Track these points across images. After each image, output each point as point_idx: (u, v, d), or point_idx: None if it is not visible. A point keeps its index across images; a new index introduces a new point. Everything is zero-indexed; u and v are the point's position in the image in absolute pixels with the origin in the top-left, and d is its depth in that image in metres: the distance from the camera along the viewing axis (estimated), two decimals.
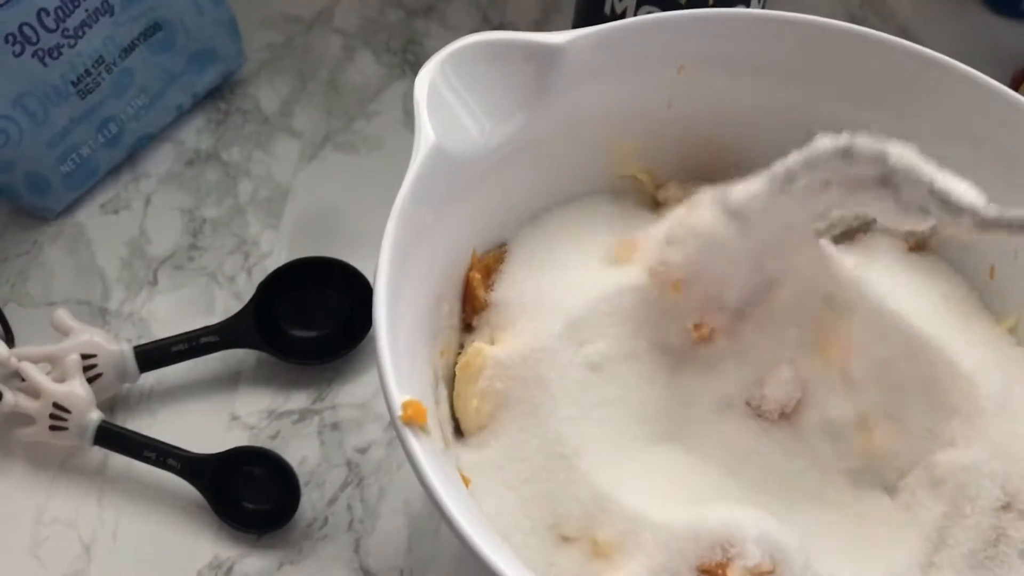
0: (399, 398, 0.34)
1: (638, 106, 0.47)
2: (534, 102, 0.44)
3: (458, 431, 0.43)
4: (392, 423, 0.34)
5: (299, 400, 0.55)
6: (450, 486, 0.33)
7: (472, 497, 0.39)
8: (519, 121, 0.44)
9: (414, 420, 0.34)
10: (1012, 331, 0.47)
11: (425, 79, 0.41)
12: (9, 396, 0.52)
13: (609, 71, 0.45)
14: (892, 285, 0.44)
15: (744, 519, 0.38)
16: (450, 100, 0.41)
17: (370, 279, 0.55)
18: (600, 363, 0.42)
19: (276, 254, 0.60)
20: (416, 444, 0.33)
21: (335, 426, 0.55)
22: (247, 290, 0.59)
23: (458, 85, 0.42)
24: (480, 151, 0.43)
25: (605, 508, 0.39)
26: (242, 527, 0.51)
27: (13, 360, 0.52)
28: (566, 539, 0.40)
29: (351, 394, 0.56)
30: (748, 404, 0.43)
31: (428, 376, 0.40)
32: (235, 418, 0.55)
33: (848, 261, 0.43)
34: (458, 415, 0.43)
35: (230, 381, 0.56)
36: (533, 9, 0.73)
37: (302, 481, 0.52)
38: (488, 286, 0.45)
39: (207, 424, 0.55)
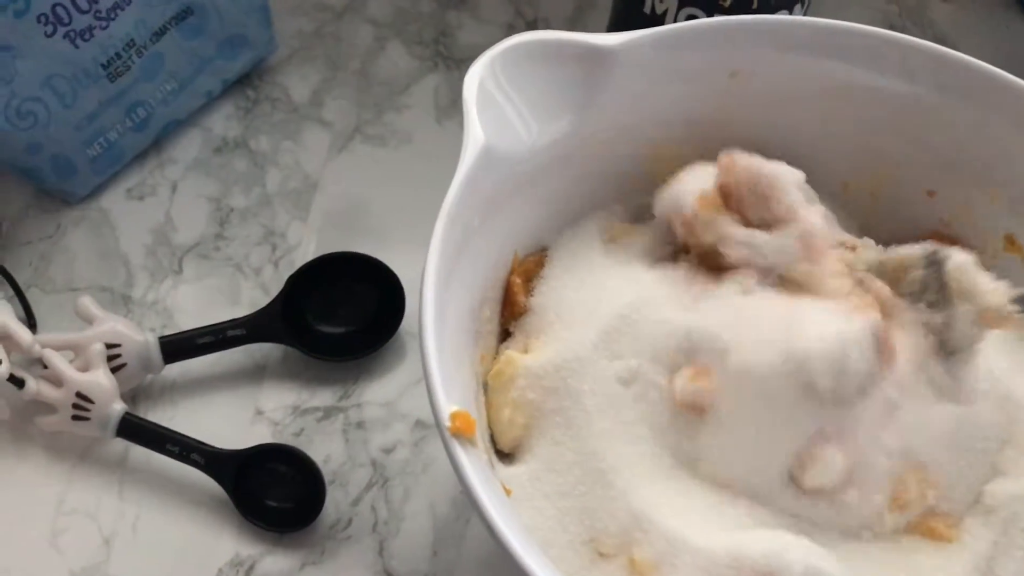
0: (447, 408, 0.33)
1: (687, 112, 0.46)
2: (583, 104, 0.43)
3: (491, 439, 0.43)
4: (440, 435, 0.33)
5: (324, 397, 0.55)
6: (499, 503, 0.32)
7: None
8: (567, 123, 0.43)
9: (462, 432, 0.33)
10: None
11: (475, 77, 0.40)
12: (32, 383, 0.51)
13: (660, 76, 0.44)
14: None
15: (789, 549, 0.36)
16: (499, 100, 0.40)
17: (399, 275, 0.55)
18: (630, 379, 0.41)
19: (304, 247, 0.59)
20: (465, 459, 0.32)
21: (360, 425, 0.54)
22: (273, 282, 0.58)
23: (507, 85, 0.41)
24: (527, 153, 0.42)
25: (644, 528, 0.38)
26: (264, 525, 0.50)
27: (36, 347, 0.52)
28: (603, 555, 0.39)
29: (377, 392, 0.55)
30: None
31: (472, 383, 0.39)
32: (259, 413, 0.54)
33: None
34: (491, 425, 0.42)
35: (255, 375, 0.55)
36: (567, 5, 0.71)
37: (326, 480, 0.51)
38: (528, 291, 0.44)
39: (230, 419, 0.54)
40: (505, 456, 0.42)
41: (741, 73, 0.45)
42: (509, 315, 0.44)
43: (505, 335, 0.45)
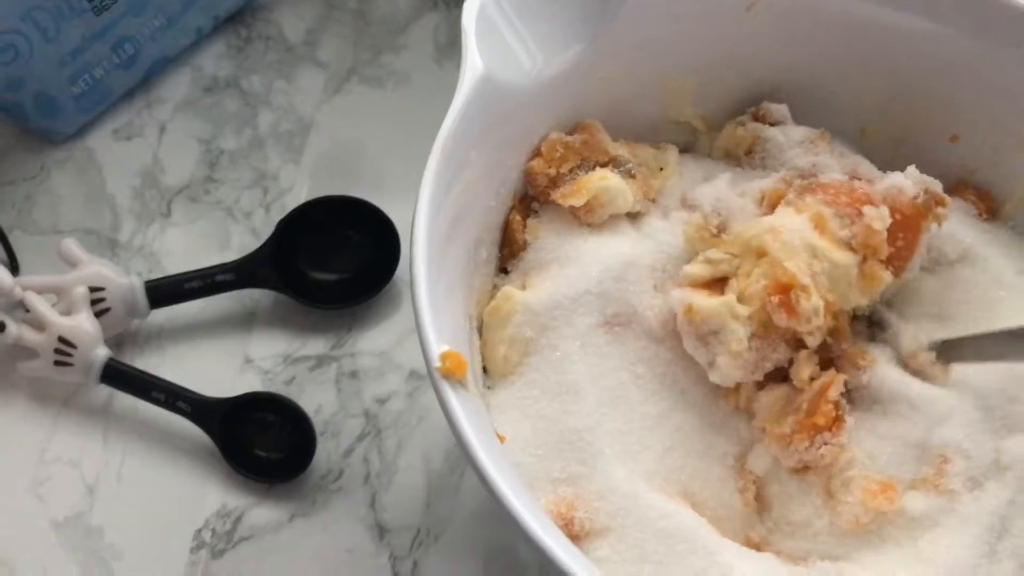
0: (437, 348, 0.31)
1: (699, 45, 0.43)
2: (591, 34, 0.40)
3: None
4: (429, 375, 0.31)
5: (316, 345, 0.53)
6: (488, 445, 0.31)
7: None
8: (574, 53, 0.40)
9: (453, 373, 0.31)
10: None
11: (475, 3, 0.38)
12: (12, 327, 0.49)
13: (672, 5, 0.41)
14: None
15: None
16: (501, 27, 0.38)
17: (394, 220, 0.53)
18: (622, 332, 0.40)
19: (296, 190, 0.57)
20: (455, 399, 0.31)
21: (353, 374, 0.52)
22: (264, 227, 0.56)
23: (510, 11, 0.39)
24: (530, 84, 0.39)
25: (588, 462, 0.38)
26: (253, 476, 0.49)
27: (17, 290, 0.50)
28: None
29: (371, 341, 0.53)
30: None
31: (465, 325, 0.37)
32: (249, 361, 0.52)
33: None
34: (485, 362, 0.41)
35: (245, 322, 0.53)
36: None
37: (317, 430, 0.49)
38: (528, 228, 0.42)
39: (219, 366, 0.52)
40: (497, 388, 0.41)
41: (757, 5, 0.42)
42: (508, 254, 0.42)
43: (503, 274, 0.43)
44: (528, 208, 0.43)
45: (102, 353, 0.49)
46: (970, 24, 0.42)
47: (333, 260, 0.53)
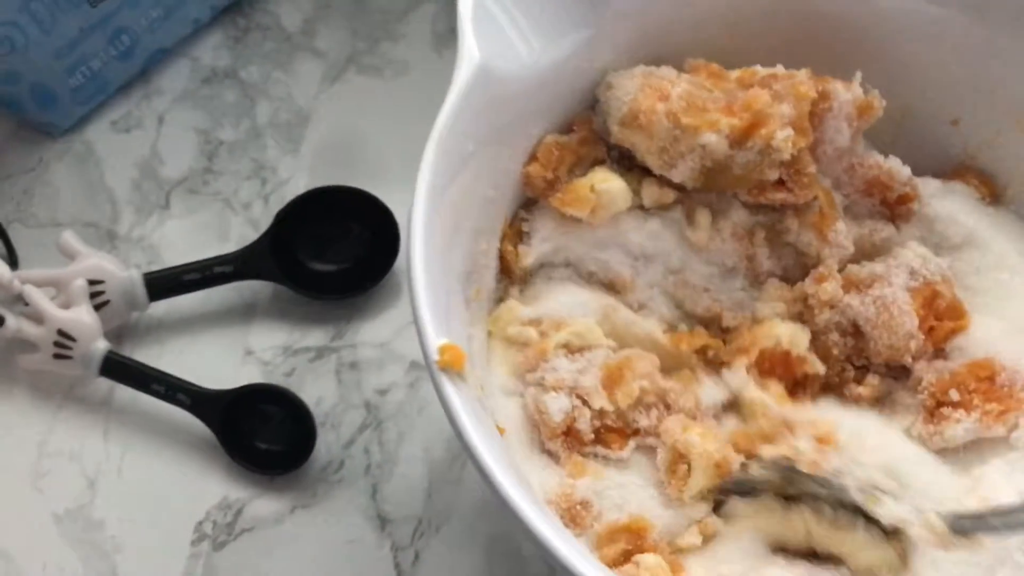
0: (436, 341, 0.31)
1: (697, 33, 0.43)
2: (589, 21, 0.40)
3: None
4: (427, 368, 0.31)
5: (316, 337, 0.53)
6: (486, 436, 0.30)
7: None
8: (572, 42, 0.40)
9: (451, 366, 0.31)
10: None
11: None
12: (12, 321, 0.49)
13: None
14: None
15: None
16: (497, 15, 0.38)
17: (394, 211, 0.52)
18: None
19: (295, 181, 0.57)
20: (453, 392, 0.30)
21: (354, 365, 0.52)
22: (263, 218, 0.56)
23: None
24: (528, 73, 0.39)
25: None
26: (254, 467, 0.49)
27: (16, 283, 0.50)
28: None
29: (372, 332, 0.53)
30: None
31: (463, 318, 0.37)
32: (249, 353, 0.52)
33: None
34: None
35: (244, 314, 0.53)
36: None
37: (318, 422, 0.49)
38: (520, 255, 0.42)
39: (219, 358, 0.52)
40: None
41: None
42: (508, 283, 0.42)
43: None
44: (519, 232, 0.42)
45: (101, 346, 0.49)
46: (974, 8, 0.42)
47: (332, 251, 0.53)
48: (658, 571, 0.35)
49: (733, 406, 0.41)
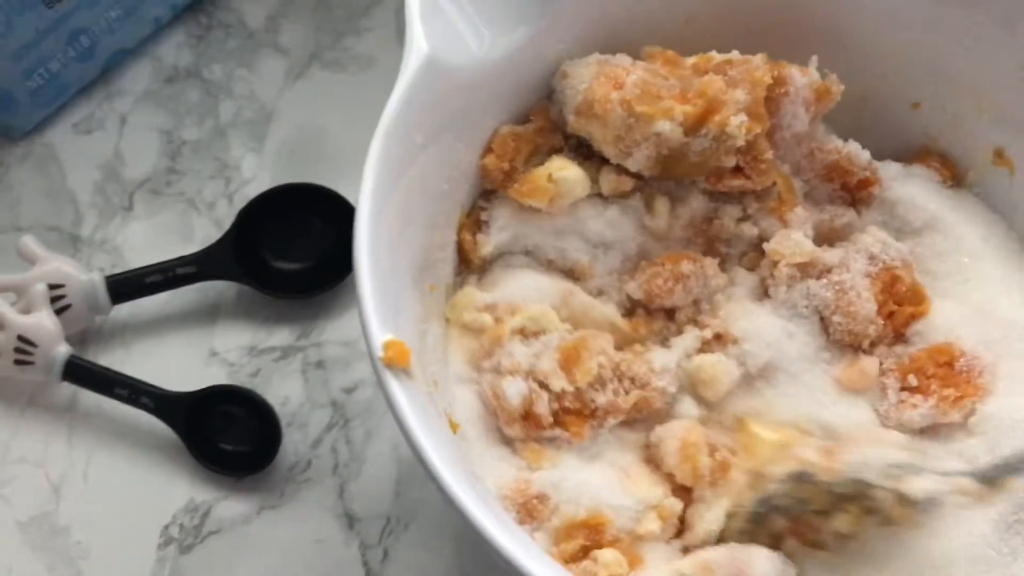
0: (380, 337, 0.31)
1: (653, 22, 0.42)
2: (542, 11, 0.40)
3: None
4: (372, 364, 0.31)
5: (282, 336, 0.52)
6: (433, 433, 0.30)
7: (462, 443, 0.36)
8: (525, 32, 0.40)
9: (395, 362, 0.31)
10: None
11: None
12: None
13: None
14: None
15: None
16: (446, 6, 0.37)
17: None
18: None
19: (259, 180, 0.56)
20: (398, 388, 0.30)
21: (320, 364, 0.52)
22: (228, 218, 0.55)
23: None
24: (480, 65, 0.39)
25: None
26: (220, 469, 0.48)
27: None
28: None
29: (338, 331, 0.52)
30: None
31: (416, 313, 0.37)
32: (214, 354, 0.52)
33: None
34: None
35: (209, 315, 0.53)
36: None
37: (284, 422, 0.49)
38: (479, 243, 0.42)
39: (184, 360, 0.52)
40: None
41: None
42: (465, 270, 0.42)
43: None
44: (478, 221, 0.42)
45: (63, 351, 0.49)
46: None
47: (296, 249, 0.53)
48: (615, 567, 0.35)
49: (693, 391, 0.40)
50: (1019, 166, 0.44)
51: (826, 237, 0.43)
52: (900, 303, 0.41)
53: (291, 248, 0.53)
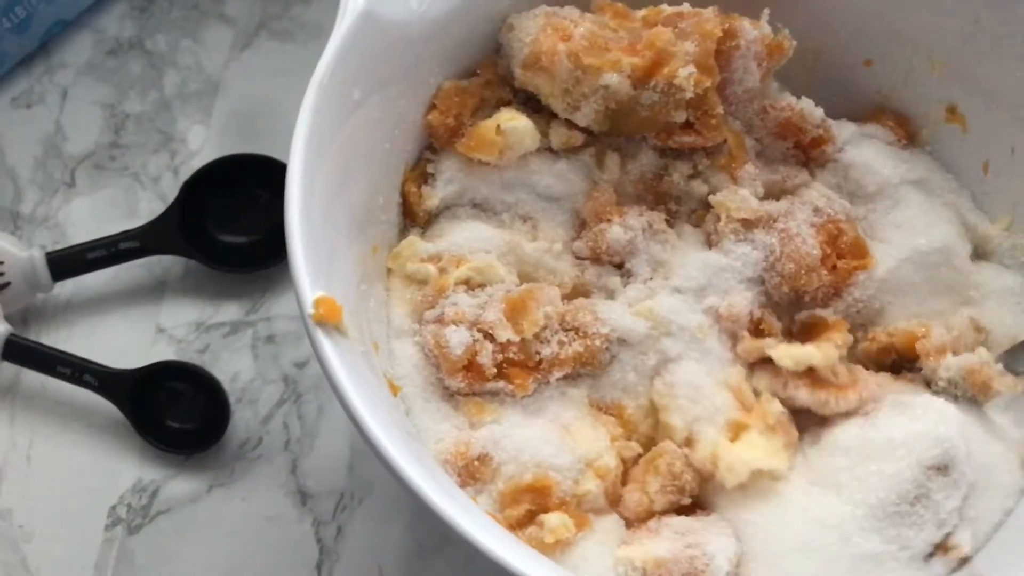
0: (311, 295, 0.30)
1: None
2: None
3: None
4: (303, 322, 0.30)
5: (230, 311, 0.51)
6: (368, 393, 0.29)
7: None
8: None
9: (327, 319, 0.30)
10: (1007, 231, 0.43)
11: None
12: None
13: None
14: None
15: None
16: None
17: None
18: None
19: (206, 152, 0.55)
20: (329, 345, 0.29)
21: (270, 339, 0.50)
22: (174, 192, 0.54)
23: None
24: (418, 20, 0.37)
25: None
26: (167, 448, 0.47)
27: None
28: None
29: (288, 304, 0.51)
30: None
31: (354, 273, 0.36)
32: (161, 331, 0.50)
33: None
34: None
35: (155, 291, 0.51)
36: None
37: (234, 398, 0.48)
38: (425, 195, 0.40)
39: (131, 337, 0.50)
40: None
41: None
42: (410, 222, 0.41)
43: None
44: (424, 173, 0.41)
45: (2, 329, 0.47)
46: None
47: (243, 222, 0.51)
48: (562, 530, 0.34)
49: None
50: (971, 122, 0.43)
51: (777, 197, 0.42)
52: (843, 255, 0.40)
53: (239, 221, 0.51)
